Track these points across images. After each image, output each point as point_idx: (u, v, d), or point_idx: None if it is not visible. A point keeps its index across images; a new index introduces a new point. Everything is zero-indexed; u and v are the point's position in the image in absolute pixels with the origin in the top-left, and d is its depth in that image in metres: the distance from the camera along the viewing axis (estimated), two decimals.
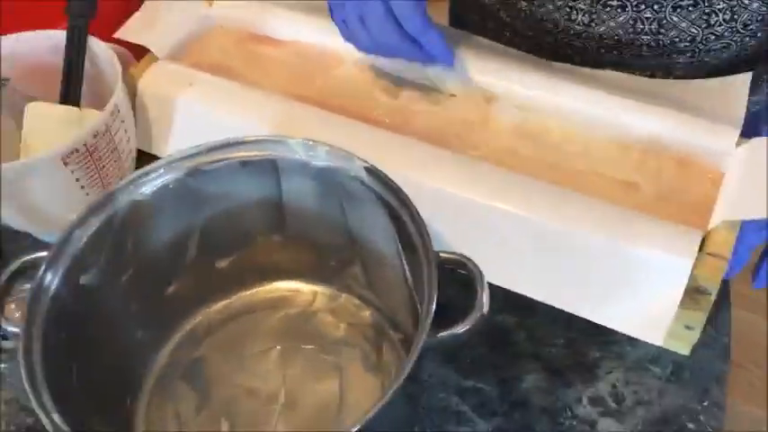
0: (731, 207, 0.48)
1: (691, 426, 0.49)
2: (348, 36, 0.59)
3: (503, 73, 0.59)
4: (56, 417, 0.40)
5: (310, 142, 0.49)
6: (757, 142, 0.51)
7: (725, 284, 0.54)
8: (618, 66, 0.62)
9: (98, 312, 0.49)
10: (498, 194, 0.51)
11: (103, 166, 0.57)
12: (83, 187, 0.56)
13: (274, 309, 0.56)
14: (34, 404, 0.40)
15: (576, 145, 0.56)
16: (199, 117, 0.59)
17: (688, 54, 0.60)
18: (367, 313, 0.55)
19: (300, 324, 0.55)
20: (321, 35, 0.64)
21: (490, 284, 0.50)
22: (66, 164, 0.53)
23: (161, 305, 0.54)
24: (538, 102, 0.58)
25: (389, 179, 0.47)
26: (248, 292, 0.57)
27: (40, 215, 0.56)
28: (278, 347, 0.54)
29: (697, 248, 0.46)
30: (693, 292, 0.47)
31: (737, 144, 0.52)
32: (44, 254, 0.46)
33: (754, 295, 1.40)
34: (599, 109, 0.56)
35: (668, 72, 0.63)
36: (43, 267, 0.45)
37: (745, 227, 0.49)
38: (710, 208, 0.51)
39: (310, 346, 0.54)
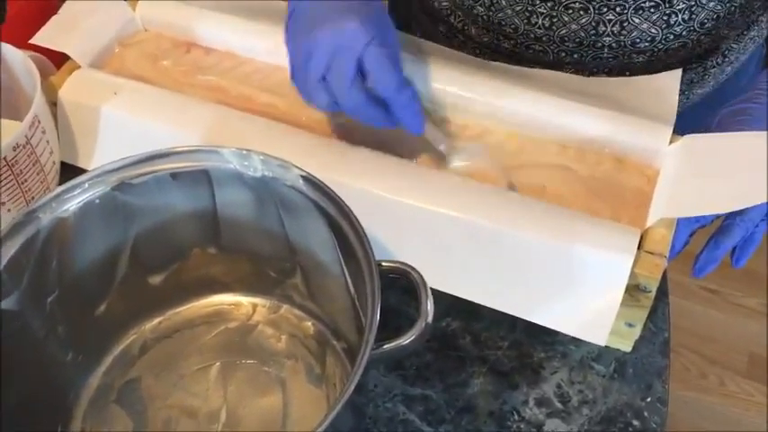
0: (667, 205, 0.49)
1: (636, 422, 0.49)
2: (306, 95, 0.51)
3: (440, 75, 0.58)
4: None
5: (244, 151, 0.47)
6: (689, 140, 0.52)
7: (663, 280, 0.55)
8: (577, 66, 0.62)
9: (22, 338, 0.46)
10: (438, 198, 0.50)
11: (25, 181, 0.54)
12: (3, 203, 0.53)
13: (212, 324, 0.54)
14: None
15: (516, 142, 0.56)
16: (125, 127, 0.57)
17: (647, 54, 0.60)
18: (309, 324, 0.54)
19: (240, 338, 0.54)
20: (251, 41, 0.62)
21: (434, 290, 0.50)
22: None
23: (91, 326, 0.51)
24: (476, 104, 0.57)
25: (328, 188, 0.46)
26: (184, 308, 0.55)
27: None
28: (217, 364, 0.52)
29: (636, 246, 0.47)
30: (633, 290, 0.47)
31: (671, 141, 0.53)
32: None
33: (684, 281, 1.45)
34: (536, 110, 0.56)
35: (624, 72, 0.63)
36: None
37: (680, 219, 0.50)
38: (647, 204, 0.51)
39: (251, 361, 0.52)
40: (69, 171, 0.58)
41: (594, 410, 0.50)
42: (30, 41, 0.60)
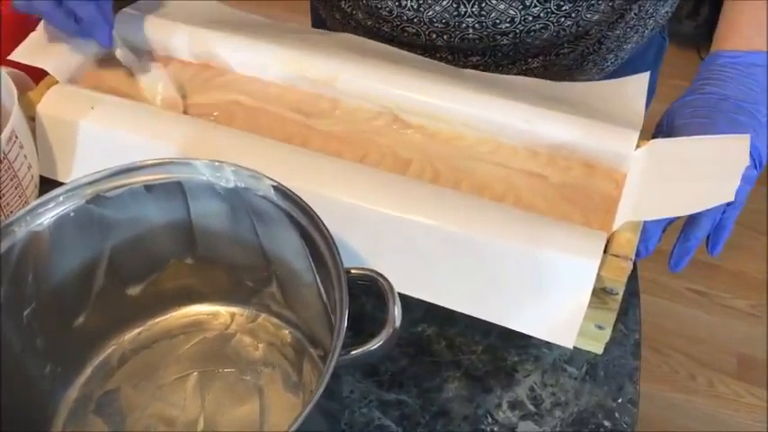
0: (633, 209, 0.49)
1: (607, 423, 0.50)
2: None
3: (413, 84, 0.59)
4: None
5: (216, 163, 0.48)
6: (654, 144, 0.53)
7: (634, 282, 0.56)
8: (450, 50, 0.66)
9: None
10: (410, 206, 0.51)
11: (3, 195, 0.54)
12: None
13: (190, 334, 0.55)
14: None
15: (488, 146, 0.57)
16: (103, 141, 0.57)
17: (511, 35, 0.64)
18: (286, 332, 0.55)
19: (218, 347, 0.54)
20: (227, 53, 0.63)
21: (410, 296, 0.51)
22: None
23: (70, 338, 0.52)
24: (448, 112, 0.58)
25: (298, 197, 0.46)
26: (163, 318, 0.55)
27: None
28: (195, 373, 0.53)
29: (602, 250, 0.48)
30: (601, 292, 0.48)
31: (637, 146, 0.54)
32: None
33: (672, 283, 1.46)
34: (507, 117, 0.57)
35: (495, 53, 0.66)
36: None
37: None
38: (615, 208, 0.52)
39: (229, 370, 0.53)
40: (49, 185, 0.58)
41: (566, 412, 0.50)
42: (8, 58, 0.61)
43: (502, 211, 0.51)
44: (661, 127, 0.56)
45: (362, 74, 0.60)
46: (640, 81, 0.58)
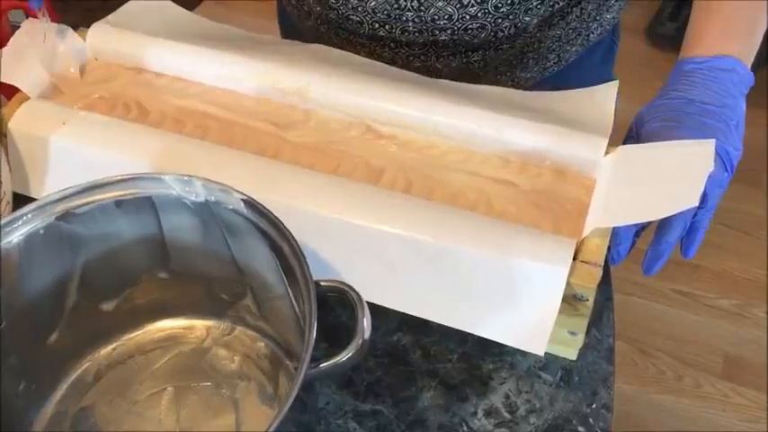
0: (601, 215, 0.50)
1: (581, 429, 0.50)
2: None
3: (383, 94, 0.59)
4: None
5: (185, 177, 0.48)
6: (622, 151, 0.53)
7: (606, 287, 0.56)
8: (391, 41, 0.68)
9: None
10: (381, 217, 0.51)
11: None
12: None
13: (166, 348, 0.55)
14: None
15: (460, 155, 0.58)
16: (75, 156, 0.57)
17: (448, 31, 0.65)
18: (261, 345, 0.55)
19: (194, 361, 0.54)
20: (199, 66, 0.63)
21: (383, 307, 0.51)
22: None
23: (43, 355, 0.52)
24: (420, 122, 0.58)
25: (267, 210, 0.47)
26: (137, 333, 0.55)
27: None
28: (170, 388, 0.53)
29: (571, 257, 0.48)
30: (571, 299, 0.48)
31: (606, 152, 0.54)
32: None
33: (657, 284, 1.47)
34: (478, 126, 0.57)
35: (437, 46, 0.68)
36: None
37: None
38: (586, 214, 0.53)
39: (204, 383, 0.53)
40: (23, 202, 0.58)
41: (541, 419, 0.51)
42: None
43: (472, 219, 0.51)
44: (631, 132, 0.56)
45: (335, 85, 0.60)
46: (609, 89, 0.58)
